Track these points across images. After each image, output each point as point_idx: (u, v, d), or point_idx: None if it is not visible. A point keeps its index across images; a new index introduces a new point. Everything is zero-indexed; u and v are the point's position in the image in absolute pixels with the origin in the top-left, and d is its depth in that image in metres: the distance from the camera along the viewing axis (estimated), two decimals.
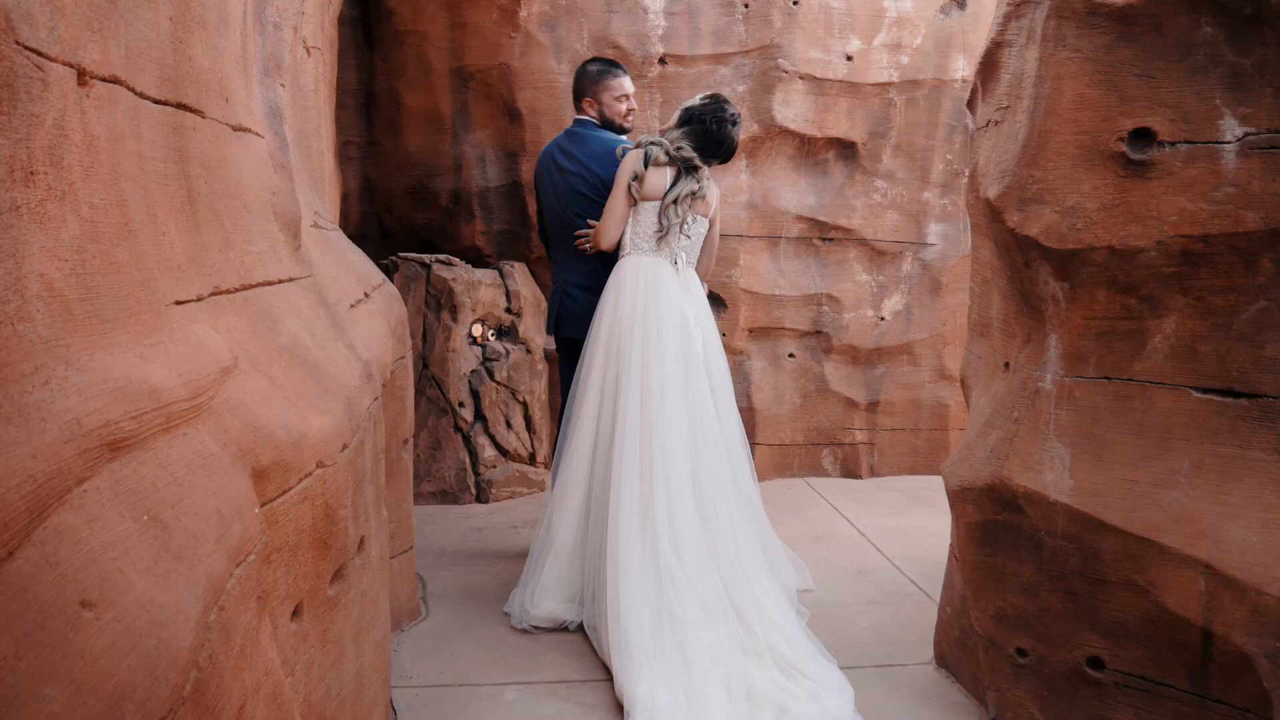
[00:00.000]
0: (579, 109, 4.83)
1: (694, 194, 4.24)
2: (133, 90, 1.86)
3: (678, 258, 4.24)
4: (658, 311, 4.09)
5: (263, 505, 2.00)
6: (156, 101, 2.00)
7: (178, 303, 1.98)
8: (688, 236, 4.28)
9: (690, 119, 4.33)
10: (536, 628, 4.03)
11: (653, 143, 4.29)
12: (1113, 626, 2.93)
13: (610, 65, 4.83)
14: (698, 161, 4.27)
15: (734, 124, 4.34)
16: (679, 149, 4.26)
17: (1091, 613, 2.97)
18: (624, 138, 4.75)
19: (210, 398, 1.87)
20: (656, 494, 3.86)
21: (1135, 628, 2.89)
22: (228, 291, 2.30)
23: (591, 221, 4.53)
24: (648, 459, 3.91)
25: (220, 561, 1.62)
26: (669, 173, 4.25)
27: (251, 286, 2.44)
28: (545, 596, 4.08)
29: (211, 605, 1.54)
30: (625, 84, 4.80)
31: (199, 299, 2.10)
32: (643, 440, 3.94)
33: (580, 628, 4.01)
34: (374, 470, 2.97)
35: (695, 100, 4.40)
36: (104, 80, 1.72)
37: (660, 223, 4.19)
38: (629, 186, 4.23)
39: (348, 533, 2.52)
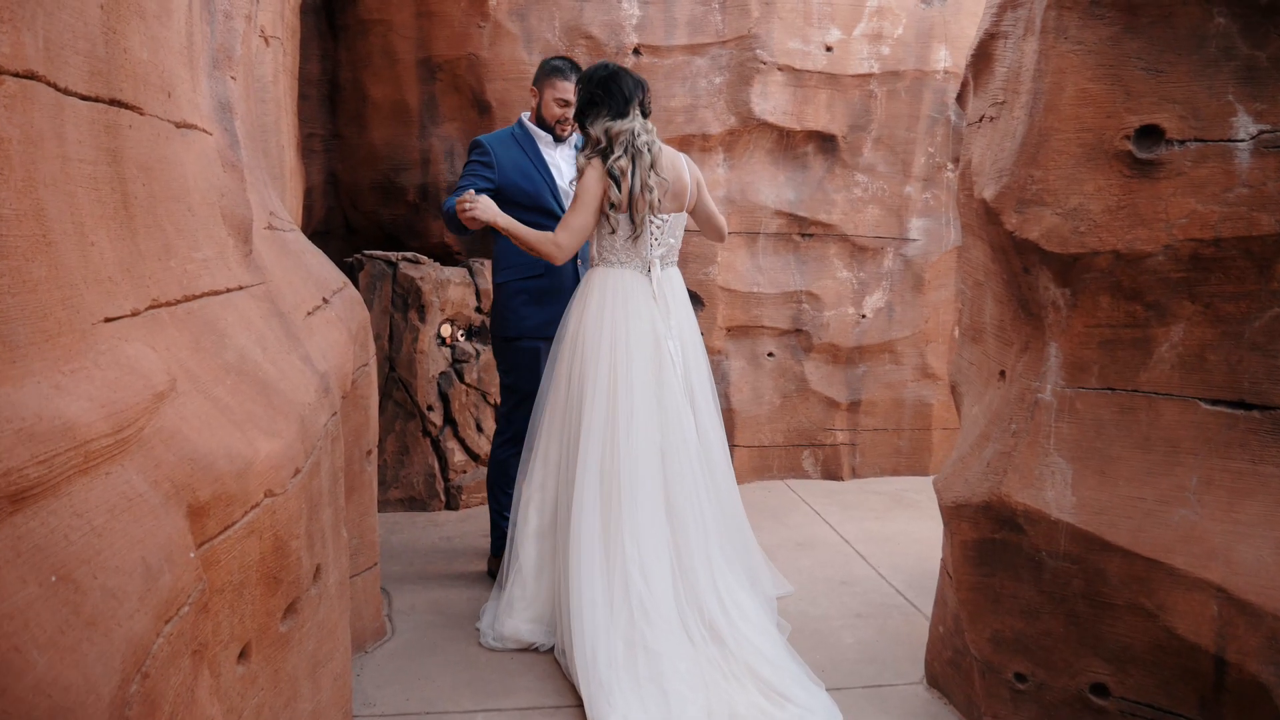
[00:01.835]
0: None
1: (652, 166, 3.87)
2: (54, 86, 1.67)
3: (651, 265, 3.96)
4: (626, 326, 3.84)
5: (201, 545, 1.81)
6: (84, 98, 1.81)
7: (108, 320, 1.79)
8: (656, 239, 3.96)
9: (593, 116, 3.97)
10: (505, 647, 3.84)
11: (593, 157, 3.91)
12: (1118, 652, 2.78)
13: (571, 68, 4.59)
14: (635, 128, 3.90)
15: (607, 71, 3.97)
16: (617, 139, 3.89)
17: (1095, 637, 2.81)
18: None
19: (140, 429, 1.68)
20: (624, 520, 3.64)
21: (1142, 653, 2.73)
22: (168, 304, 2.10)
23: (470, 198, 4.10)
24: (613, 483, 3.69)
25: (145, 621, 1.43)
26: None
27: (195, 297, 2.25)
28: (511, 615, 3.88)
29: (132, 675, 1.35)
30: (571, 91, 4.50)
31: (134, 314, 1.91)
32: (608, 464, 3.71)
33: (552, 649, 3.81)
34: (332, 491, 2.78)
35: (578, 105, 4.05)
36: (17, 76, 1.53)
37: (633, 221, 3.89)
38: (607, 215, 3.88)
39: (301, 564, 2.33)
